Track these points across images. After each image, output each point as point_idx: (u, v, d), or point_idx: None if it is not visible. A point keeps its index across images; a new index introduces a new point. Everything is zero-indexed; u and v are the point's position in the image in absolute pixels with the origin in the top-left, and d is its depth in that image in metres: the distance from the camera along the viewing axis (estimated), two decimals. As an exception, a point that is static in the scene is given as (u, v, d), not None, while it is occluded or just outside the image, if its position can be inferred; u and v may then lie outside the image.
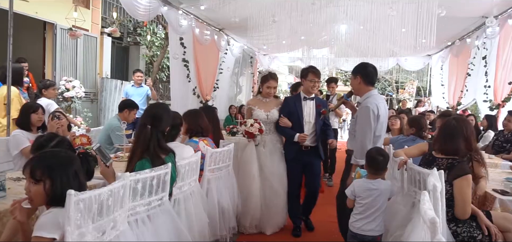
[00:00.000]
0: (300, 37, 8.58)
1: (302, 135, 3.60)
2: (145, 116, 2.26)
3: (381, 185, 2.59)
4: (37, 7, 6.12)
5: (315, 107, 3.69)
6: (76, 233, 1.50)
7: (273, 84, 3.86)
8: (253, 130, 3.61)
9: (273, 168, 3.76)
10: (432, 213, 1.31)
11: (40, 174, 1.53)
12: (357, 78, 3.03)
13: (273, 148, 3.83)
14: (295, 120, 3.67)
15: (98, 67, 7.76)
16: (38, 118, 3.43)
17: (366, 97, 2.97)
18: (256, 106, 3.85)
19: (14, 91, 3.87)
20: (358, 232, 2.63)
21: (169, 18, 6.10)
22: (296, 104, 3.70)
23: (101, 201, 1.61)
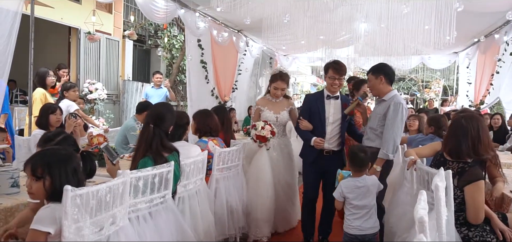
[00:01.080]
0: (318, 37, 8.52)
1: (318, 141, 3.19)
2: (149, 115, 2.31)
3: (367, 181, 2.66)
4: (62, 13, 6.39)
5: (341, 107, 3.28)
6: (74, 227, 1.55)
7: (281, 86, 3.58)
8: (265, 133, 3.31)
9: (284, 175, 3.55)
10: (422, 212, 1.26)
11: (41, 171, 1.60)
12: (379, 77, 3.07)
13: (280, 153, 3.59)
14: (316, 121, 3.27)
15: (120, 70, 7.99)
16: (56, 119, 3.57)
17: (391, 95, 3.03)
18: (266, 107, 3.62)
19: (42, 92, 4.06)
20: (357, 232, 2.61)
21: (186, 20, 6.20)
22: (318, 102, 3.28)
23: (99, 197, 1.66)
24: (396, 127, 2.91)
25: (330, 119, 3.25)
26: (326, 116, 3.25)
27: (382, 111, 3.04)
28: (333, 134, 3.26)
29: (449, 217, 2.07)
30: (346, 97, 3.52)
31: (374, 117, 3.11)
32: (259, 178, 3.35)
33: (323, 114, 3.24)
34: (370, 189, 2.65)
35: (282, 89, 3.59)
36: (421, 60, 10.77)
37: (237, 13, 6.04)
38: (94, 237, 1.66)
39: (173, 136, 2.67)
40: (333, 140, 3.28)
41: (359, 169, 2.68)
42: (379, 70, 3.11)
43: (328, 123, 3.25)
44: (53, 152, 1.70)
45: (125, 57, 8.14)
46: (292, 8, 6.04)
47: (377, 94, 3.14)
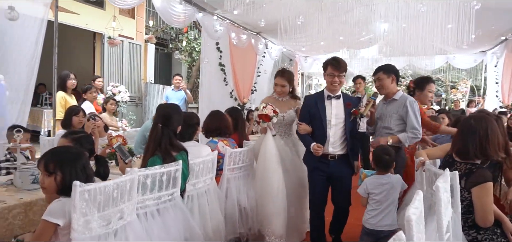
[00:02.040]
0: (338, 38, 8.47)
1: (315, 147, 2.94)
2: (157, 115, 2.41)
3: (392, 179, 2.73)
4: (87, 19, 6.67)
5: (344, 107, 3.03)
6: (82, 220, 1.66)
7: (280, 82, 3.41)
8: (267, 112, 3.13)
9: (293, 167, 3.32)
10: (411, 211, 1.26)
11: (53, 167, 1.72)
12: (391, 77, 3.18)
13: (289, 152, 3.39)
14: (317, 124, 3.03)
15: (143, 73, 8.24)
16: (78, 121, 3.75)
17: (401, 94, 3.18)
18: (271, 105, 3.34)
19: (62, 95, 4.28)
20: (374, 228, 2.69)
21: (204, 23, 6.31)
22: (318, 103, 3.03)
23: (106, 192, 1.76)
24: (417, 121, 3.05)
25: (332, 121, 3.01)
26: (328, 118, 3.00)
27: (396, 110, 3.10)
28: (337, 137, 3.01)
29: (455, 219, 2.04)
30: (349, 96, 3.29)
31: (389, 117, 3.13)
32: (267, 164, 3.15)
33: (324, 116, 3.00)
34: (395, 186, 2.74)
35: (281, 85, 3.41)
36: (446, 60, 10.49)
37: (253, 16, 6.11)
38: (102, 230, 1.76)
39: (183, 136, 2.75)
40: (338, 144, 3.02)
41: (383, 169, 2.79)
42: (390, 70, 3.21)
43: (330, 125, 3.00)
44: (64, 150, 1.81)
45: (147, 60, 8.39)
46: (309, 9, 6.06)
47: (387, 93, 3.20)
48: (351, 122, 3.02)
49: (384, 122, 3.14)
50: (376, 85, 3.27)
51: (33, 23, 3.84)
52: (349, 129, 3.03)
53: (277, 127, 3.39)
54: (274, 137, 3.28)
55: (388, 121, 3.12)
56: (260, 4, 5.71)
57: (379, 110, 3.24)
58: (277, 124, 3.33)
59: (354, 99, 3.19)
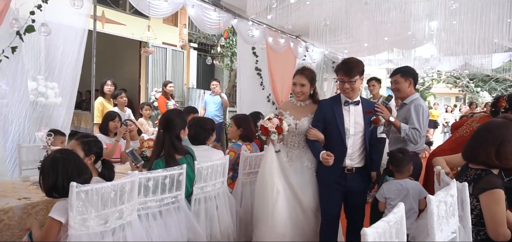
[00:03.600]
0: (383, 39, 8.15)
1: (325, 156, 2.56)
2: (160, 121, 2.52)
3: (408, 184, 2.66)
4: (132, 29, 7.12)
5: (363, 114, 2.68)
6: (78, 218, 1.80)
7: (300, 80, 2.84)
8: (269, 126, 2.67)
9: (302, 186, 2.80)
10: (367, 230, 1.19)
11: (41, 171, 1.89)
12: (409, 80, 3.08)
13: (300, 167, 2.83)
14: (334, 133, 2.66)
15: (185, 78, 8.60)
16: (114, 125, 4.02)
17: (412, 98, 3.06)
18: (288, 111, 2.90)
19: (100, 101, 4.63)
20: None
21: (239, 29, 6.42)
22: (335, 109, 2.66)
23: (102, 194, 1.89)
24: (424, 128, 2.97)
25: (350, 130, 2.64)
26: (346, 127, 2.64)
27: (404, 114, 3.02)
28: (355, 148, 2.66)
29: (466, 233, 1.89)
30: (369, 101, 2.87)
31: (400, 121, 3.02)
32: (265, 184, 2.74)
33: (341, 125, 2.64)
34: (410, 192, 2.67)
35: (301, 84, 2.83)
36: (509, 57, 9.60)
37: (288, 19, 6.09)
38: (99, 229, 1.89)
39: (196, 139, 2.85)
40: (356, 155, 2.67)
41: (397, 169, 2.75)
42: (409, 73, 3.09)
43: (348, 135, 2.64)
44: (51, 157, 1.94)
45: (190, 66, 8.73)
46: (348, 11, 5.90)
47: (403, 97, 3.10)
48: (370, 130, 2.71)
49: (394, 127, 3.01)
50: (392, 88, 3.15)
51: (75, 33, 4.20)
52: (368, 138, 2.69)
53: (290, 137, 2.88)
54: (278, 153, 2.82)
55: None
56: (297, 6, 5.69)
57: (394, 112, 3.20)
58: (290, 133, 2.85)
59: (371, 103, 2.83)
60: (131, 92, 7.90)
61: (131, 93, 7.85)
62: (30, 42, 3.82)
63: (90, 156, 2.30)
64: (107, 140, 3.90)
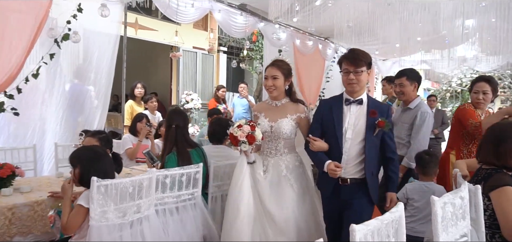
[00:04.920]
0: (416, 39, 7.92)
1: (332, 167, 2.20)
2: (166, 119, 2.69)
3: (434, 187, 2.62)
4: (164, 35, 7.41)
5: (367, 116, 2.27)
6: (98, 210, 1.94)
7: (271, 73, 2.46)
8: (238, 134, 2.29)
9: (278, 200, 2.37)
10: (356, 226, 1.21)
11: (74, 162, 2.07)
12: (414, 84, 3.06)
13: (277, 178, 2.43)
14: (329, 135, 2.31)
15: (215, 81, 8.80)
16: (141, 126, 4.24)
17: (417, 103, 3.03)
18: (262, 113, 2.54)
19: (130, 104, 4.89)
20: (410, 233, 2.57)
21: (266, 32, 6.50)
22: (334, 109, 2.30)
23: (121, 188, 2.02)
24: (421, 136, 2.92)
25: (348, 133, 2.26)
26: (343, 129, 2.26)
27: (409, 120, 2.99)
28: (351, 155, 2.26)
29: (479, 237, 1.85)
30: (376, 102, 2.43)
31: (401, 127, 3.04)
32: (231, 198, 2.40)
33: (338, 126, 2.26)
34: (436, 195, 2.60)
35: (273, 77, 2.45)
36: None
37: (312, 22, 6.08)
38: (118, 221, 2.02)
39: (214, 136, 2.98)
40: (352, 164, 2.27)
41: (423, 171, 2.71)
42: (415, 76, 3.07)
43: (345, 138, 2.25)
44: (87, 149, 2.13)
45: (219, 69, 8.93)
46: (377, 11, 5.82)
47: (406, 100, 3.07)
48: (376, 136, 2.26)
49: (396, 130, 3.00)
50: (396, 90, 3.12)
51: (109, 39, 4.46)
52: (372, 146, 2.26)
53: (266, 142, 2.51)
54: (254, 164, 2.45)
55: (400, 131, 3.03)
56: (320, 9, 5.69)
57: (396, 115, 3.14)
58: (265, 138, 2.48)
59: (383, 106, 2.39)
60: (163, 95, 8.22)
61: (163, 96, 8.17)
62: (69, 49, 4.11)
63: (107, 150, 2.49)
64: (135, 140, 4.11)
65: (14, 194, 2.47)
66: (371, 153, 2.28)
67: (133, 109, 4.89)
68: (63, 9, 3.75)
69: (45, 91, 3.82)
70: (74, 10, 3.77)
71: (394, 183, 2.31)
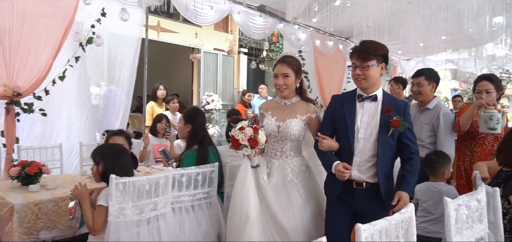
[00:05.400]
0: (440, 37, 7.72)
1: (340, 168, 2.04)
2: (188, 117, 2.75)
3: (442, 187, 2.55)
4: (185, 37, 7.55)
5: (381, 113, 2.08)
6: (117, 207, 2.02)
7: (281, 70, 2.30)
8: (240, 137, 2.14)
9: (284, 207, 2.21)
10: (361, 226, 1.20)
11: (98, 158, 2.16)
12: (432, 84, 2.98)
13: (282, 182, 2.27)
14: (340, 133, 2.16)
15: (235, 83, 8.88)
16: (161, 127, 4.34)
17: (435, 104, 2.98)
18: (269, 111, 2.39)
19: (151, 105, 5.02)
20: (422, 233, 2.55)
21: (285, 33, 6.52)
22: (346, 106, 2.14)
23: (138, 186, 2.10)
24: (451, 137, 2.87)
25: (361, 131, 2.08)
26: (356, 127, 2.09)
27: (429, 121, 2.92)
28: (365, 156, 2.08)
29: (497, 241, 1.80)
30: (392, 98, 2.22)
31: (420, 128, 2.95)
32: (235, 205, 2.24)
33: (350, 123, 2.09)
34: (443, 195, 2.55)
35: (284, 75, 2.29)
36: None
37: (334, 21, 6.04)
38: (135, 217, 2.10)
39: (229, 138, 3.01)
40: (366, 166, 2.08)
41: (431, 172, 2.65)
42: (433, 76, 2.99)
43: (357, 137, 2.08)
44: (109, 146, 2.23)
45: (240, 70, 9.01)
46: (398, 10, 5.72)
47: (424, 100, 2.99)
48: (390, 136, 2.07)
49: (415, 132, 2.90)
50: (413, 89, 3.03)
51: (131, 42, 4.60)
52: (385, 146, 2.06)
53: (271, 143, 2.35)
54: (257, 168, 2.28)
55: (419, 132, 2.91)
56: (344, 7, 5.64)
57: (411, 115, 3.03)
58: (270, 138, 2.33)
59: (400, 103, 2.15)
60: (185, 96, 8.38)
61: (184, 97, 8.32)
62: (93, 52, 4.27)
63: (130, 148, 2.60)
64: (155, 140, 4.21)
65: (41, 191, 2.59)
66: (384, 155, 2.07)
67: (154, 110, 5.02)
68: (87, 13, 3.91)
69: (70, 92, 3.98)
70: (98, 14, 3.92)
71: (407, 182, 2.04)
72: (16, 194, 2.47)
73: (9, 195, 2.42)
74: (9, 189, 2.59)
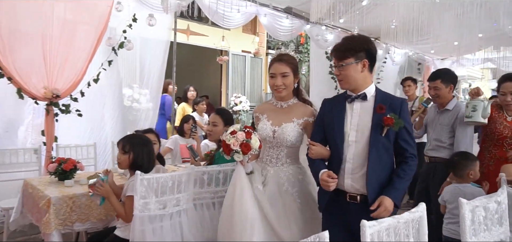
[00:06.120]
0: (477, 35, 7.40)
1: (324, 177, 1.85)
2: (223, 121, 2.86)
3: (468, 189, 2.50)
4: (214, 39, 7.72)
5: (373, 113, 1.87)
6: (141, 202, 2.14)
7: (279, 69, 2.11)
8: (231, 142, 1.98)
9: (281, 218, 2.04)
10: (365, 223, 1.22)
11: (128, 148, 2.32)
12: (450, 86, 2.93)
13: (277, 191, 2.10)
14: (330, 138, 1.97)
15: (263, 84, 8.95)
16: (188, 127, 4.49)
17: (454, 104, 2.94)
18: (265, 114, 2.22)
19: (182, 106, 5.20)
20: (450, 235, 2.52)
21: (312, 34, 6.51)
22: (335, 109, 1.97)
23: (161, 183, 2.21)
24: (465, 137, 2.82)
25: (351, 134, 1.88)
26: (345, 130, 1.90)
27: (449, 122, 2.88)
28: (357, 163, 1.87)
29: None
30: (385, 95, 1.96)
31: (440, 129, 2.92)
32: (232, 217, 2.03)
33: (339, 126, 1.91)
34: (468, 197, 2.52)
35: (282, 75, 2.11)
36: None
37: (361, 21, 5.96)
38: (159, 212, 2.21)
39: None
40: (359, 174, 1.87)
41: (455, 174, 2.61)
42: (449, 78, 2.93)
43: (348, 141, 1.89)
44: (137, 136, 2.44)
45: (268, 72, 9.07)
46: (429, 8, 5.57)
47: (442, 102, 2.94)
48: (385, 137, 1.83)
49: (435, 133, 2.90)
50: (431, 93, 2.97)
51: (161, 45, 4.80)
52: (380, 148, 1.84)
53: (266, 149, 2.20)
54: (251, 175, 2.10)
55: (439, 134, 2.91)
56: (366, 9, 5.58)
57: (430, 116, 3.02)
58: (265, 144, 2.18)
59: (395, 100, 1.92)
60: (214, 98, 8.55)
61: (213, 99, 8.50)
62: (126, 55, 4.49)
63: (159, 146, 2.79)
64: (181, 141, 4.36)
65: (75, 186, 2.78)
66: (378, 159, 1.83)
67: (184, 111, 5.19)
68: (120, 19, 4.13)
69: (104, 94, 4.22)
70: (129, 20, 4.13)
71: (394, 187, 1.80)
72: (53, 188, 2.67)
73: (47, 189, 2.63)
74: (48, 183, 2.80)
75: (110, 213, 2.66)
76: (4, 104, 3.65)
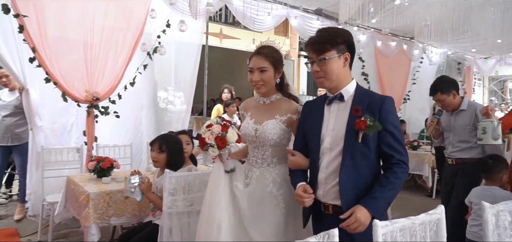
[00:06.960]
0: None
1: (299, 192, 1.65)
2: None
3: (495, 192, 2.46)
4: (246, 42, 7.84)
5: (349, 115, 1.63)
6: (170, 198, 2.27)
7: (257, 64, 1.92)
8: (206, 135, 1.86)
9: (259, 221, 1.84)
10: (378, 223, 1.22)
11: (164, 148, 2.50)
12: (452, 94, 2.93)
13: (261, 193, 1.89)
14: (309, 143, 1.77)
15: (295, 85, 8.97)
16: (217, 128, 4.63)
17: (467, 103, 2.95)
18: (249, 112, 2.05)
19: (216, 107, 5.37)
20: (473, 238, 2.50)
21: (343, 35, 6.42)
22: (313, 111, 1.77)
23: (188, 181, 2.32)
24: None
25: (326, 140, 1.67)
26: (322, 135, 1.69)
27: (468, 121, 2.87)
28: (330, 171, 1.65)
29: None
30: (365, 92, 1.72)
31: (463, 129, 2.90)
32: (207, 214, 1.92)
33: (315, 132, 1.71)
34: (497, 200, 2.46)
35: (259, 69, 1.90)
36: None
37: (394, 20, 5.83)
38: (186, 209, 2.32)
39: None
40: (330, 184, 1.65)
41: (486, 176, 2.59)
42: (448, 86, 2.93)
43: (323, 148, 1.68)
44: (171, 136, 2.62)
45: (300, 74, 9.08)
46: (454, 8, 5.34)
47: (453, 108, 2.96)
48: (362, 143, 1.58)
49: (459, 135, 2.87)
50: (439, 105, 3.03)
51: (193, 48, 4.96)
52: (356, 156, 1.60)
53: (250, 149, 2.01)
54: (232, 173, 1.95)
55: (463, 134, 2.88)
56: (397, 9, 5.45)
57: (445, 122, 3.02)
58: (250, 143, 2.00)
59: (375, 99, 1.64)
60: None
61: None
62: (161, 59, 4.69)
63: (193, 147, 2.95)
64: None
65: (112, 183, 2.97)
66: (353, 168, 1.59)
67: (218, 112, 5.32)
68: (155, 25, 4.34)
69: (140, 97, 4.44)
70: (163, 25, 4.32)
71: (373, 196, 1.55)
72: (92, 184, 2.87)
73: (86, 185, 2.83)
74: (87, 180, 3.02)
75: (144, 209, 2.82)
76: (50, 106, 3.94)
